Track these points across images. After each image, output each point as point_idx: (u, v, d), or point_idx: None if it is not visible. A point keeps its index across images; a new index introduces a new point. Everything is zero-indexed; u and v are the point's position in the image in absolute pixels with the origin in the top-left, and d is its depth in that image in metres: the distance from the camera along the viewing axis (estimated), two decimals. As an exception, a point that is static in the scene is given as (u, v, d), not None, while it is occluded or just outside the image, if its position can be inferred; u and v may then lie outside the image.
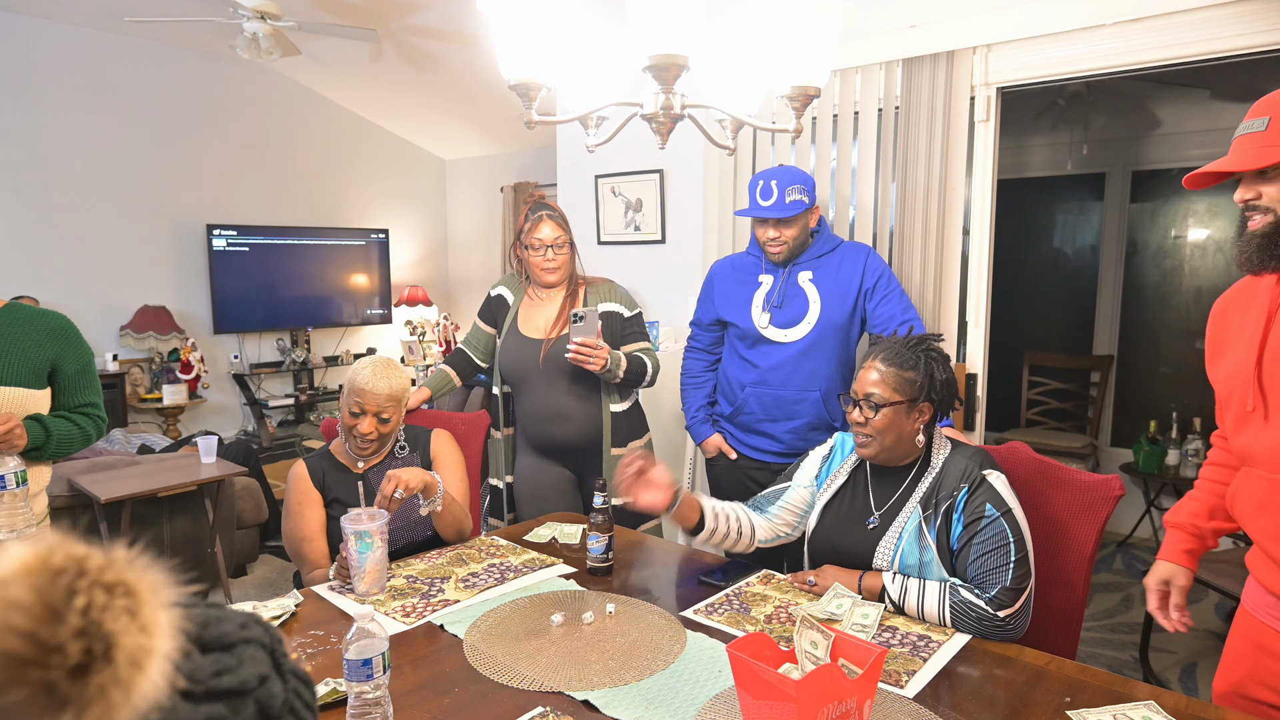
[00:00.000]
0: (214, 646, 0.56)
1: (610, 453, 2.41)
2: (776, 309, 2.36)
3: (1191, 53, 2.25)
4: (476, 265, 7.13)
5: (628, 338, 2.45)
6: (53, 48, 4.92)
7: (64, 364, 1.96)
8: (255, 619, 0.62)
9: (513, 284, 2.56)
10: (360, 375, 1.98)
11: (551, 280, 2.43)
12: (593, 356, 2.23)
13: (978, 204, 2.65)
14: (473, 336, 2.63)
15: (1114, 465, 4.55)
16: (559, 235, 2.39)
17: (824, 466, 1.84)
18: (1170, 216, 4.55)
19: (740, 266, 2.48)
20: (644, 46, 1.30)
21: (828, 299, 2.33)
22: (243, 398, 5.95)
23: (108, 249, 5.28)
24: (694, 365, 2.61)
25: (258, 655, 0.58)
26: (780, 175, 2.30)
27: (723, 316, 2.47)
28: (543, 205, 2.44)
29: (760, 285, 2.41)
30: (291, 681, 0.60)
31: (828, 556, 1.73)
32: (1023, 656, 1.43)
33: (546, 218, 2.40)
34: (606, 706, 1.27)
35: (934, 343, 1.70)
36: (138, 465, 3.45)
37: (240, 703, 0.54)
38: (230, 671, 0.55)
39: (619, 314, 2.45)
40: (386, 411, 1.97)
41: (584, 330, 2.22)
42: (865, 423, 1.65)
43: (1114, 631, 3.32)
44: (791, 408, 2.36)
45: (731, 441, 2.50)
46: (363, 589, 1.67)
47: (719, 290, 2.49)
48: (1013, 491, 1.60)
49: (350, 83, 5.91)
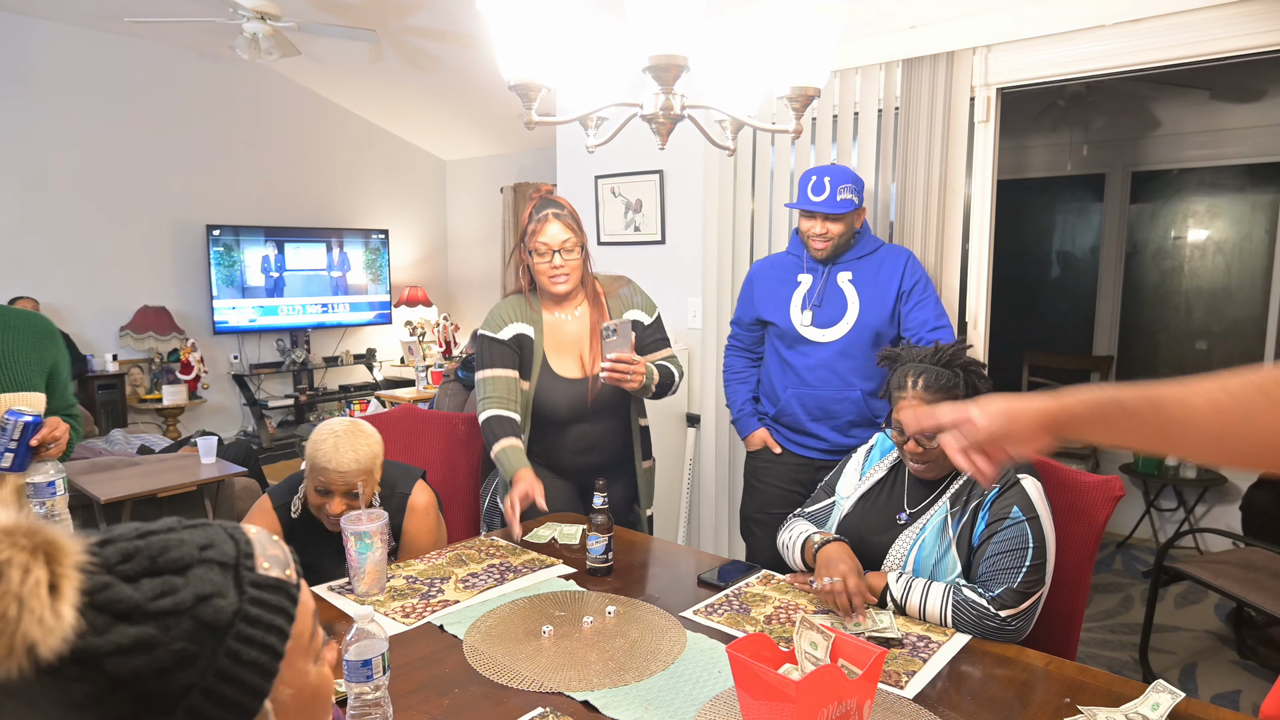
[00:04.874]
0: (165, 570, 0.61)
1: (642, 466, 2.28)
2: (816, 308, 2.36)
3: (1191, 53, 2.25)
4: (476, 266, 7.13)
5: (650, 347, 2.22)
6: (53, 48, 4.92)
7: (59, 367, 1.94)
8: (230, 534, 0.67)
9: (523, 312, 2.15)
10: (321, 451, 1.74)
11: (560, 290, 2.09)
12: (629, 373, 2.00)
13: (978, 205, 2.65)
14: (498, 390, 2.08)
15: (1114, 466, 4.54)
16: (569, 237, 2.06)
17: (865, 461, 1.86)
18: (1170, 217, 4.56)
19: (780, 266, 2.48)
20: (644, 47, 1.30)
21: (866, 300, 2.32)
22: (242, 398, 5.95)
23: (107, 249, 5.28)
24: (736, 362, 2.61)
25: (208, 574, 0.62)
26: (834, 172, 2.29)
27: (763, 316, 2.46)
28: (550, 202, 2.10)
29: (800, 285, 2.40)
30: (251, 591, 0.64)
31: (853, 546, 1.72)
32: (1022, 657, 1.43)
33: (554, 217, 2.06)
34: (606, 707, 1.26)
35: (963, 351, 1.68)
36: (137, 465, 3.45)
37: (173, 620, 0.59)
38: (170, 593, 0.60)
39: (639, 323, 2.22)
40: (356, 486, 1.74)
41: (618, 345, 1.98)
42: (924, 451, 1.64)
43: (1114, 632, 3.32)
44: (832, 408, 2.36)
45: (777, 438, 2.51)
46: (362, 590, 1.67)
47: (759, 290, 2.48)
48: (1046, 501, 1.59)
49: (350, 83, 5.91)
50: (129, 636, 0.58)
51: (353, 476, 1.74)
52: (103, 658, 0.57)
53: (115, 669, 0.57)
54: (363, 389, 6.27)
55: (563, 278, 2.08)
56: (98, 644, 0.57)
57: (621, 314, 2.19)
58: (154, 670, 0.58)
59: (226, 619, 0.62)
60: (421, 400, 5.21)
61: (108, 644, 0.57)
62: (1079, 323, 4.90)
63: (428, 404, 4.39)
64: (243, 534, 0.68)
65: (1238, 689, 2.85)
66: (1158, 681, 1.27)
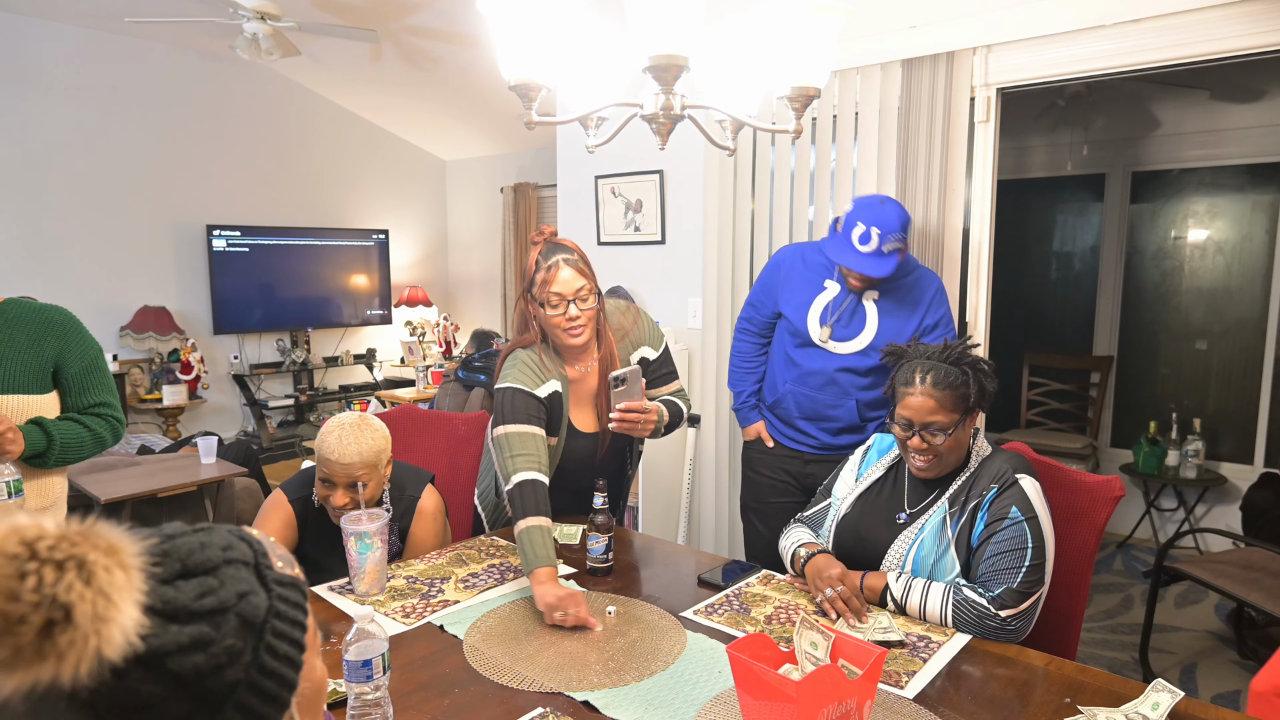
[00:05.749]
0: (198, 571, 0.63)
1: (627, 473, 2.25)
2: (835, 323, 2.31)
3: (1192, 53, 2.25)
4: (476, 266, 7.13)
5: (660, 380, 2.10)
6: (53, 48, 4.92)
7: (67, 361, 1.78)
8: (241, 536, 0.69)
9: (554, 370, 1.95)
10: (326, 442, 1.75)
11: (577, 343, 1.88)
12: (640, 422, 1.89)
13: (978, 205, 2.65)
14: (530, 449, 1.83)
15: (1114, 466, 4.55)
16: (583, 284, 1.84)
17: (862, 461, 1.86)
18: (1170, 217, 4.55)
19: (810, 264, 2.39)
20: (644, 47, 1.30)
21: (885, 325, 2.28)
22: (243, 398, 5.95)
23: (108, 249, 5.28)
24: (746, 348, 2.56)
25: (239, 574, 0.65)
26: (882, 222, 2.15)
27: (781, 310, 2.42)
28: (557, 247, 1.87)
29: (825, 290, 2.34)
30: (276, 589, 0.67)
31: (851, 545, 1.73)
32: (1023, 657, 1.43)
33: (565, 263, 1.83)
34: (606, 707, 1.26)
35: (969, 349, 1.68)
36: (138, 465, 3.45)
37: (222, 618, 0.61)
38: (212, 593, 0.62)
39: (646, 359, 2.08)
40: (358, 479, 1.75)
41: (627, 394, 1.87)
42: (929, 448, 1.63)
43: (1114, 632, 3.32)
44: (826, 411, 2.36)
45: (770, 430, 2.51)
46: (362, 590, 1.67)
47: (784, 282, 2.41)
48: (1044, 500, 1.59)
49: (350, 83, 5.91)
50: (187, 635, 0.59)
51: (355, 469, 1.74)
52: (166, 657, 0.58)
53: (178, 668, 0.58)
54: (363, 389, 6.27)
55: (579, 329, 1.87)
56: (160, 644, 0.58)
57: (631, 354, 2.05)
58: (211, 667, 0.60)
59: (262, 615, 0.64)
60: (421, 400, 5.21)
61: (170, 643, 0.58)
62: (1079, 323, 4.90)
63: (428, 404, 4.39)
64: (250, 536, 0.70)
65: (1238, 689, 2.85)
66: (1157, 681, 1.27)
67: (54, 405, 1.80)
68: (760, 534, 2.51)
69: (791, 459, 2.46)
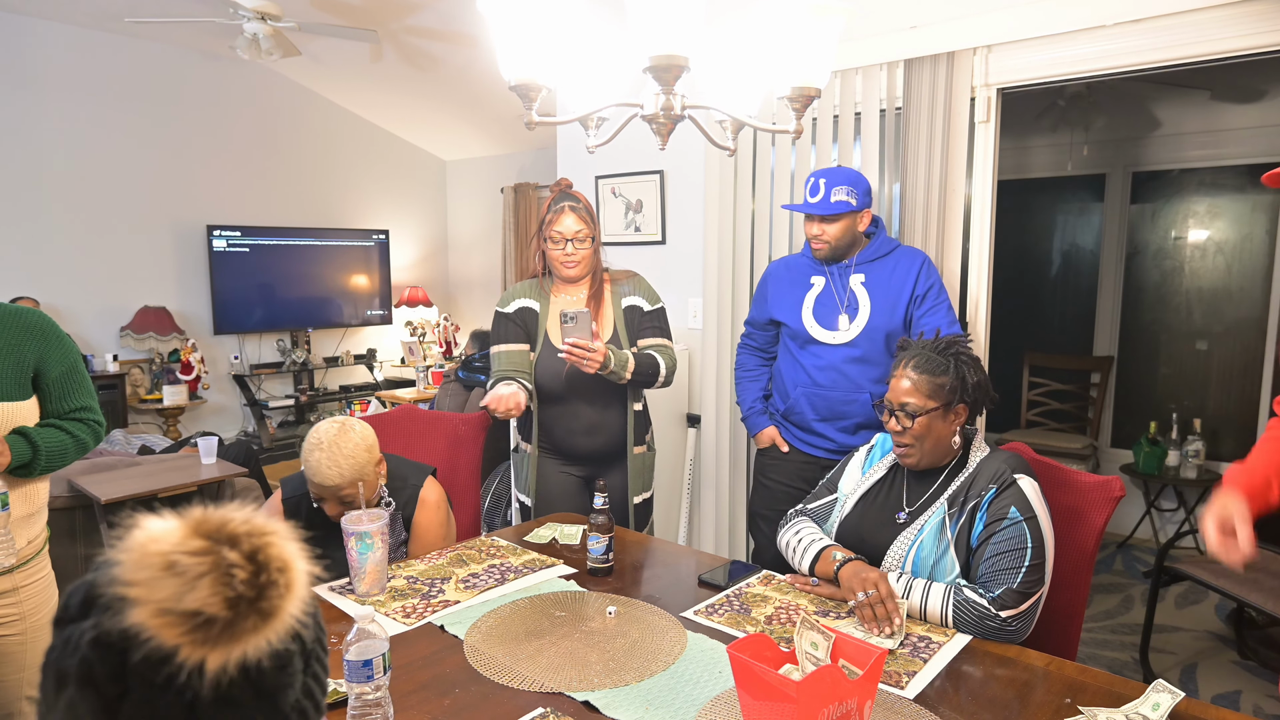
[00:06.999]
0: None
1: (633, 451, 2.36)
2: (830, 313, 2.37)
3: (1192, 53, 2.25)
4: (477, 266, 7.14)
5: (643, 333, 2.34)
6: (53, 48, 4.93)
7: (48, 366, 1.70)
8: None
9: (532, 290, 2.35)
10: (309, 463, 1.78)
11: (571, 275, 2.27)
12: (585, 358, 2.11)
13: (978, 205, 2.65)
14: (510, 363, 2.29)
15: (1114, 466, 4.54)
16: (581, 229, 2.23)
17: (866, 460, 1.87)
18: (1170, 217, 4.55)
19: (794, 268, 2.49)
20: (644, 47, 1.30)
21: (878, 303, 2.33)
22: (243, 398, 5.95)
23: (108, 249, 5.28)
24: (748, 360, 2.63)
25: None
26: (830, 175, 2.31)
27: (775, 316, 2.48)
28: (567, 196, 2.27)
29: (812, 286, 2.41)
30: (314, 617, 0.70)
31: (853, 545, 1.73)
32: (1023, 657, 1.43)
33: (569, 209, 2.23)
34: (607, 707, 1.26)
35: (963, 344, 1.71)
36: (138, 466, 3.45)
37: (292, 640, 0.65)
38: None
39: (638, 308, 2.35)
40: (348, 492, 1.78)
41: (575, 331, 2.10)
42: (903, 431, 1.66)
43: (1114, 632, 3.32)
44: (841, 409, 2.37)
45: (785, 436, 2.52)
46: (363, 590, 1.67)
47: (772, 291, 2.50)
48: (1044, 500, 1.59)
49: (350, 83, 5.91)
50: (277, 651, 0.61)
51: (340, 489, 1.77)
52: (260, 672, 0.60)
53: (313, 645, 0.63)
54: (363, 389, 6.27)
55: (573, 264, 2.26)
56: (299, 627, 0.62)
57: (620, 302, 2.35)
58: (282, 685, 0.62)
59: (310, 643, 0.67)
60: (422, 400, 5.21)
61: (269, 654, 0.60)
62: (1079, 323, 4.90)
63: (428, 404, 4.39)
64: None
65: (1238, 689, 2.85)
66: (1158, 681, 1.27)
67: (34, 412, 1.72)
68: (772, 542, 2.47)
69: (808, 465, 2.45)
